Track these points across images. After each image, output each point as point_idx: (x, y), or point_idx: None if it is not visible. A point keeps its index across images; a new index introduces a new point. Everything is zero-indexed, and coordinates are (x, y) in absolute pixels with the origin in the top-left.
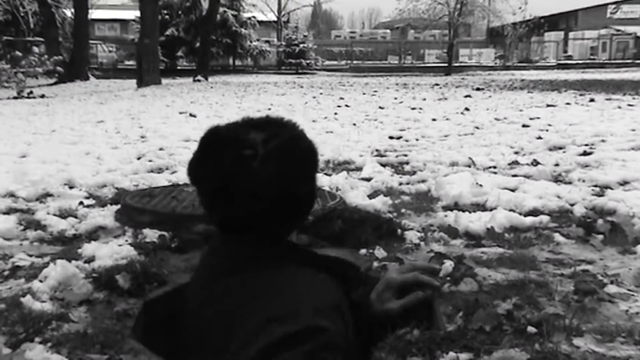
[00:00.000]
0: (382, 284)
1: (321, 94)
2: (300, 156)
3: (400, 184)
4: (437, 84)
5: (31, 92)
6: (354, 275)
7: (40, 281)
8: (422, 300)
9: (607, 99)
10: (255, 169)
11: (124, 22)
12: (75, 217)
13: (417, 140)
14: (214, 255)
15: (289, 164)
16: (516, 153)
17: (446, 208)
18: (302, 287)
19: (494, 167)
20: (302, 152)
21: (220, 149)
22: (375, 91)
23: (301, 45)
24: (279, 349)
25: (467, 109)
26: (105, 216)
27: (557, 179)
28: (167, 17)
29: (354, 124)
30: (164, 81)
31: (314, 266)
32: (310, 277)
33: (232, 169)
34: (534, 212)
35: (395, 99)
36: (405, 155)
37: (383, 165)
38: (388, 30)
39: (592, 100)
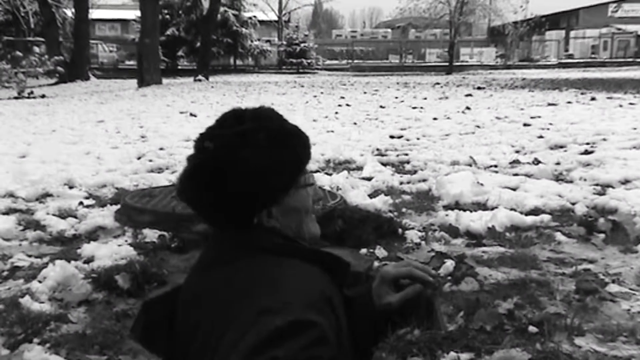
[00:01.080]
0: (377, 278)
1: (322, 93)
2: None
3: (401, 183)
4: (438, 83)
5: (32, 92)
6: (343, 270)
7: (39, 282)
8: (419, 292)
9: (608, 98)
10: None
11: (124, 22)
12: (75, 217)
13: (418, 139)
14: (208, 250)
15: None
16: (517, 152)
17: (447, 207)
18: (292, 279)
19: (495, 166)
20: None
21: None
22: (376, 90)
23: (302, 45)
24: (271, 344)
25: (468, 108)
26: (105, 216)
27: (558, 178)
28: (167, 16)
29: (355, 123)
30: (165, 81)
31: (302, 258)
32: (300, 268)
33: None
34: (535, 211)
35: (396, 98)
36: (406, 155)
37: (384, 164)
38: (389, 30)
39: (593, 99)
